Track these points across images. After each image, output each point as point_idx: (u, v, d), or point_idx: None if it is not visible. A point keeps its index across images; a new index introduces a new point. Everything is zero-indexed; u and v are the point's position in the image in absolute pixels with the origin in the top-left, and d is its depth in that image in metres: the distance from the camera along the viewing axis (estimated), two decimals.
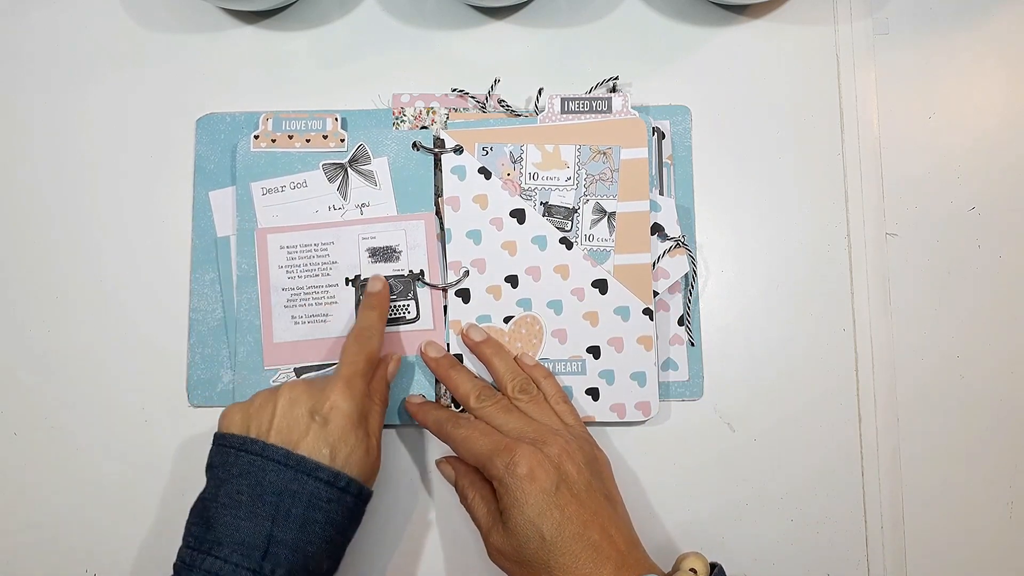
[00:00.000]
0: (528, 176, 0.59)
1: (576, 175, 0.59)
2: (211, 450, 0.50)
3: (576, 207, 0.58)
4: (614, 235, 0.58)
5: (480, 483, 0.52)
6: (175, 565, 0.48)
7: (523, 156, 0.59)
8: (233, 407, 0.51)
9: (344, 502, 0.48)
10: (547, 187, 0.59)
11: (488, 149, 0.59)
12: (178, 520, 0.58)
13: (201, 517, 0.48)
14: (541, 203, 0.59)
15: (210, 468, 0.50)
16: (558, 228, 0.58)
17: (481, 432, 0.51)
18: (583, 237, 0.58)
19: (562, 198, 0.59)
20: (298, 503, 0.47)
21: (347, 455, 0.48)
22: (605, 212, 0.58)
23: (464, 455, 0.51)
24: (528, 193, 0.59)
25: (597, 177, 0.58)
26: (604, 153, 0.58)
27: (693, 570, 0.46)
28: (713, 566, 0.48)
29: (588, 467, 0.50)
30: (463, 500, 0.53)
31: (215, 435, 0.50)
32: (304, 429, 0.48)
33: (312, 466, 0.47)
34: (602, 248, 0.58)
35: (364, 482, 0.50)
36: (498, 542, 0.49)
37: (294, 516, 0.46)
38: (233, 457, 0.48)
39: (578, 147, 0.59)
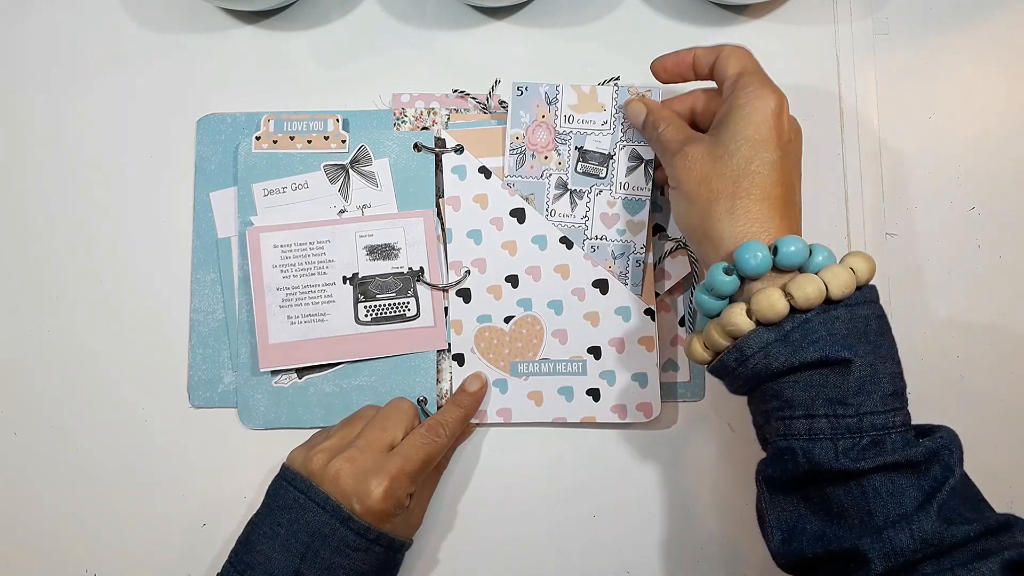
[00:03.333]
0: (564, 119, 0.57)
1: (612, 119, 0.57)
2: (275, 477, 0.53)
3: (612, 153, 0.57)
4: (650, 184, 0.57)
5: (673, 118, 0.52)
6: (218, 574, 0.50)
7: (559, 97, 0.57)
8: (299, 448, 0.54)
9: (373, 552, 0.50)
10: (582, 131, 0.57)
11: (523, 89, 0.58)
12: (178, 521, 0.58)
13: (245, 538, 0.51)
14: (576, 148, 0.57)
15: (267, 494, 0.52)
16: (592, 175, 0.57)
17: (754, 61, 0.50)
18: (618, 185, 0.57)
19: (597, 143, 0.57)
20: (327, 547, 0.49)
21: (382, 527, 0.51)
22: (642, 159, 0.57)
23: (733, 58, 0.50)
24: (563, 137, 0.57)
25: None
26: (643, 95, 0.56)
27: (852, 268, 0.44)
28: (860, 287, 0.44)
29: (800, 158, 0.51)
30: (649, 130, 0.52)
31: (281, 465, 0.53)
32: (346, 499, 0.50)
33: (346, 515, 0.49)
34: (637, 197, 0.57)
35: (400, 537, 0.52)
36: (698, 150, 0.48)
37: (321, 558, 0.49)
38: (283, 490, 0.51)
39: (615, 87, 0.57)
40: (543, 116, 0.58)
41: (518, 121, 0.58)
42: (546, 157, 0.58)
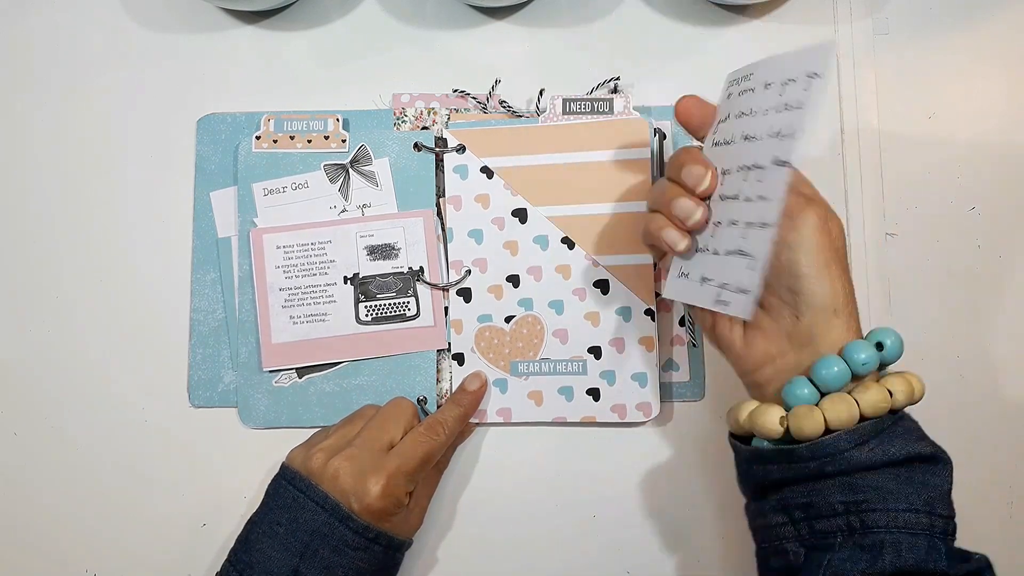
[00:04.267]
0: None
1: None
2: (274, 476, 0.53)
3: None
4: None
5: None
6: (217, 574, 0.51)
7: None
8: (299, 447, 0.53)
9: (372, 551, 0.50)
10: None
11: None
12: (178, 520, 0.58)
13: (244, 536, 0.51)
14: None
15: (266, 493, 0.52)
16: None
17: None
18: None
19: None
20: (326, 546, 0.49)
21: (381, 526, 0.51)
22: None
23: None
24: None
25: None
26: None
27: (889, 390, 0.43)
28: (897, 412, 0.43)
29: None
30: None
31: (281, 465, 0.53)
32: (344, 497, 0.50)
33: (345, 514, 0.49)
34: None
35: (399, 536, 0.52)
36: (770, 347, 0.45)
37: (320, 557, 0.49)
38: (283, 489, 0.51)
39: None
40: None
41: None
42: None
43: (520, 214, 0.58)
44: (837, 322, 0.43)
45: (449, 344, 0.59)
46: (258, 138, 0.59)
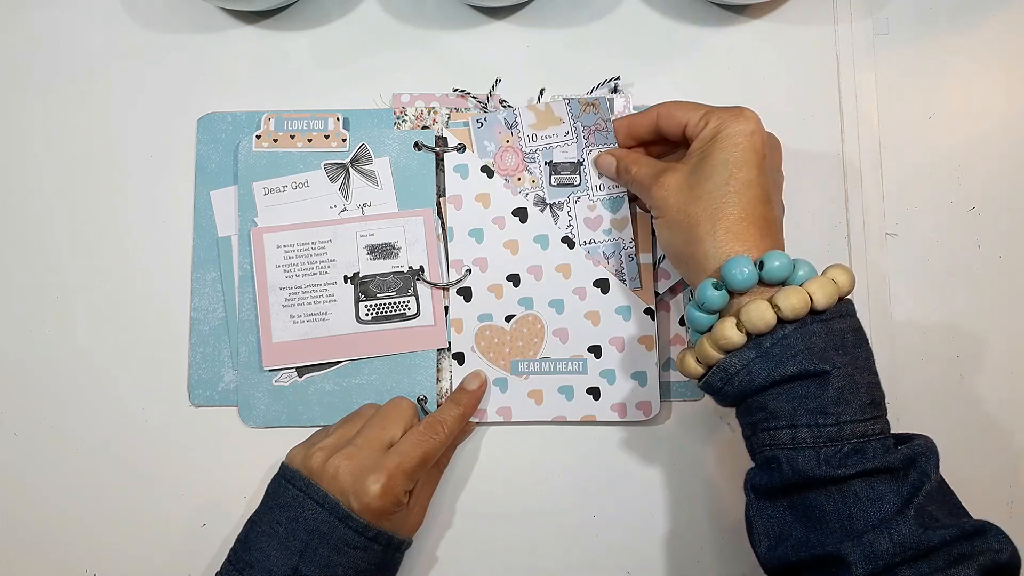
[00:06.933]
0: (527, 139, 0.58)
1: (572, 129, 0.58)
2: (274, 475, 0.53)
3: (581, 160, 0.58)
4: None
5: (642, 157, 0.54)
6: (217, 573, 0.51)
7: (517, 120, 0.59)
8: (298, 446, 0.54)
9: (372, 550, 0.50)
10: (548, 146, 0.58)
11: (482, 121, 0.59)
12: (177, 520, 0.58)
13: (244, 536, 0.51)
14: (546, 163, 0.58)
15: (266, 492, 0.52)
16: (567, 185, 0.58)
17: (696, 103, 0.52)
18: (593, 188, 0.58)
19: (565, 154, 0.58)
20: (326, 544, 0.49)
21: (381, 525, 0.51)
22: None
23: (678, 110, 0.52)
24: (531, 156, 0.58)
25: (593, 128, 0.58)
26: (593, 105, 0.58)
27: (834, 280, 0.45)
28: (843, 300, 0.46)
29: (780, 171, 0.53)
30: (623, 175, 0.55)
31: (281, 464, 0.53)
32: (343, 496, 0.50)
33: (344, 513, 0.49)
34: (614, 196, 0.58)
35: (399, 535, 0.52)
36: (674, 178, 0.49)
37: (320, 556, 0.49)
38: (283, 488, 0.51)
39: (568, 100, 0.58)
40: (507, 141, 0.59)
41: (485, 151, 0.59)
42: (519, 178, 0.59)
43: (520, 213, 0.58)
44: None
45: (449, 343, 0.59)
46: (258, 137, 0.59)
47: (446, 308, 0.59)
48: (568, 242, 0.58)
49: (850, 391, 0.43)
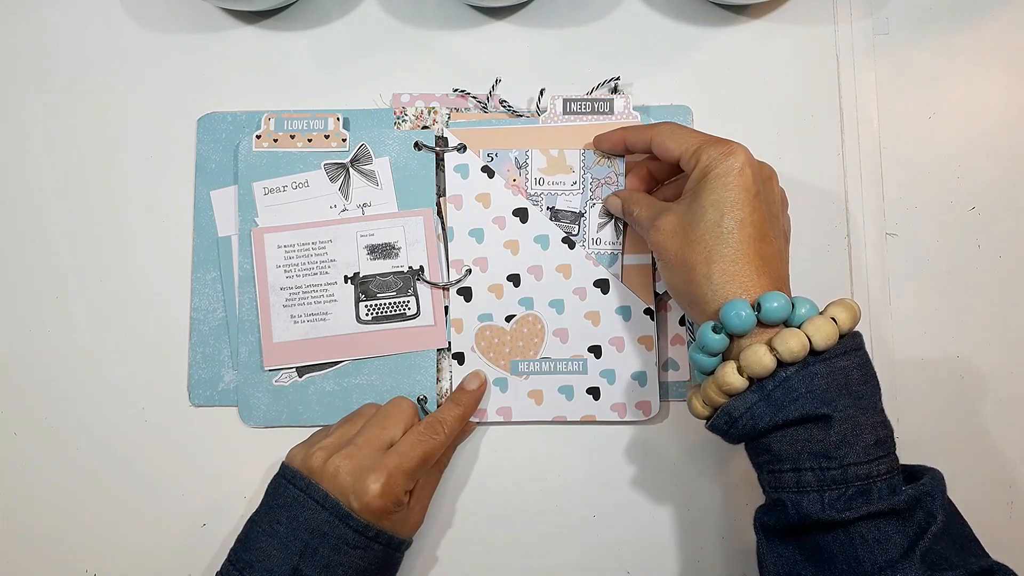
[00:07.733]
0: (534, 181, 0.59)
1: (582, 179, 0.58)
2: (274, 475, 0.53)
3: (583, 211, 0.59)
4: (621, 238, 0.58)
5: (644, 198, 0.54)
6: (217, 573, 0.51)
7: (528, 161, 0.59)
8: (298, 446, 0.54)
9: (372, 549, 0.50)
10: (553, 192, 0.59)
11: (493, 155, 0.59)
12: (177, 520, 0.58)
13: (244, 535, 0.51)
14: (548, 208, 0.59)
15: (266, 492, 0.52)
16: (565, 231, 0.58)
17: (691, 130, 0.52)
18: (590, 241, 0.58)
19: (568, 203, 0.59)
20: (326, 544, 0.49)
21: (381, 525, 0.51)
22: (611, 216, 0.58)
23: (671, 140, 0.51)
24: (535, 198, 0.59)
25: (603, 181, 0.58)
26: (608, 158, 0.58)
27: (833, 318, 0.45)
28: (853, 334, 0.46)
29: (782, 206, 0.52)
30: (627, 216, 0.55)
31: (281, 464, 0.53)
32: (344, 496, 0.50)
33: (344, 513, 0.49)
34: (610, 251, 0.58)
35: (399, 534, 0.52)
36: (669, 221, 0.49)
37: (321, 556, 0.49)
38: (283, 488, 0.51)
39: (583, 152, 0.59)
40: (514, 180, 0.59)
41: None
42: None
43: (521, 213, 0.58)
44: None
45: (449, 343, 0.59)
46: (258, 137, 0.59)
47: (446, 308, 0.59)
48: (568, 242, 0.58)
49: (853, 433, 0.43)
